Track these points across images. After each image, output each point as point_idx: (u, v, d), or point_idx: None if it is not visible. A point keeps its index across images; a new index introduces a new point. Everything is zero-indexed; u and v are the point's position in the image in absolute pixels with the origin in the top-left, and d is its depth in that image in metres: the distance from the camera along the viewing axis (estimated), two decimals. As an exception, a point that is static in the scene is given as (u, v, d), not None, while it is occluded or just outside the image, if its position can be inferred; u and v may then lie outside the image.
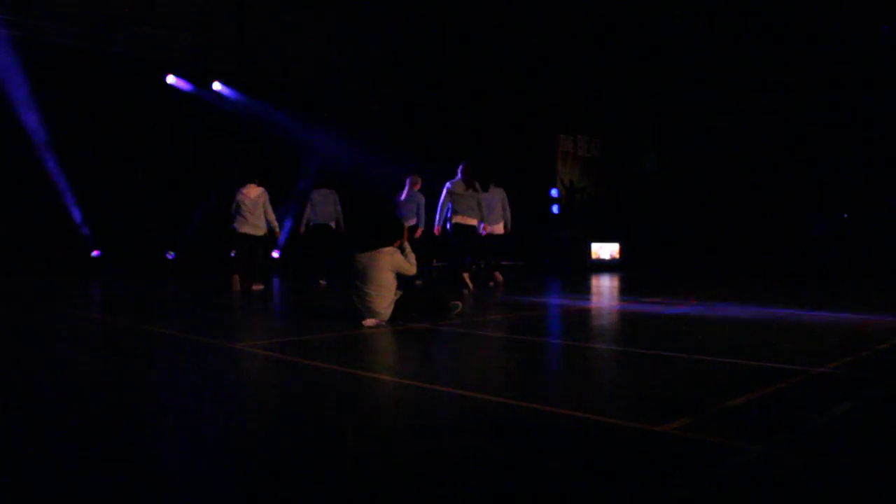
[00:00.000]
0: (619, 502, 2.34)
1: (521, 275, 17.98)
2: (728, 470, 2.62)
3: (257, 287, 12.46)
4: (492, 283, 13.70)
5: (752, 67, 18.85)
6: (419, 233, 13.74)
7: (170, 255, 16.74)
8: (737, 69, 19.00)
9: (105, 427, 3.38)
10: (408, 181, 14.21)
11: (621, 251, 21.26)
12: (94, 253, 15.93)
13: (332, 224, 14.33)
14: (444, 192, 12.52)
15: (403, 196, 14.19)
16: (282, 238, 16.75)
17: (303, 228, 14.47)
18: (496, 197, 13.70)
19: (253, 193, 12.45)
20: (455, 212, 12.36)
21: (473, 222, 12.43)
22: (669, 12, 19.33)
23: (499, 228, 13.74)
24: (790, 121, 19.03)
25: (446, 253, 14.17)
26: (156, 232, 16.56)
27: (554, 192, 21.64)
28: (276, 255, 17.74)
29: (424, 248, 13.34)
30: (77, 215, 15.56)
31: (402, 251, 7.45)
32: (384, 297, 7.20)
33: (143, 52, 15.93)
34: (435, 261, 16.71)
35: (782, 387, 4.23)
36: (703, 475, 2.58)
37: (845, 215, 18.45)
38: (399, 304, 7.39)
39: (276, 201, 13.18)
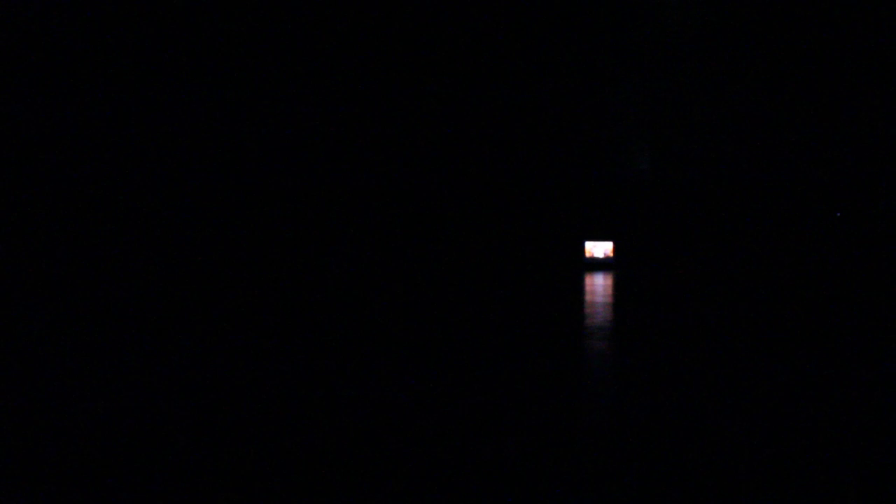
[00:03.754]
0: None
1: None
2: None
3: None
4: None
5: (748, 67, 18.92)
6: None
7: None
8: (733, 69, 19.07)
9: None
10: None
11: (615, 249, 21.33)
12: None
13: None
14: None
15: None
16: None
17: None
18: None
19: None
20: None
21: None
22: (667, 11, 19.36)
23: None
24: (784, 122, 19.11)
25: None
26: (152, 231, 16.52)
27: None
28: None
29: None
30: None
31: None
32: None
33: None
34: None
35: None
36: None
37: (838, 213, 18.55)
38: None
39: None
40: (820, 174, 18.76)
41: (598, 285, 15.10)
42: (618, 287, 14.58)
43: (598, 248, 21.40)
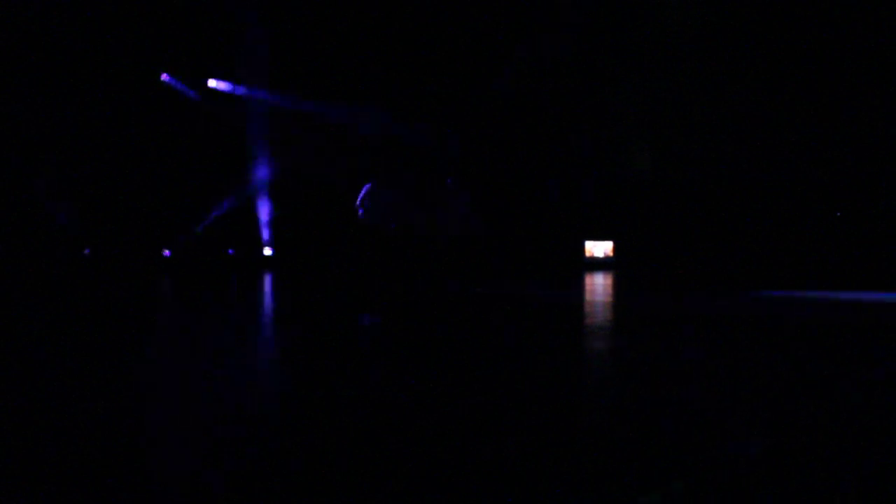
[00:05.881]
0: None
1: None
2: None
3: None
4: None
5: (748, 67, 18.91)
6: None
7: (165, 253, 16.82)
8: (733, 69, 19.06)
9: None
10: None
11: (615, 249, 21.33)
12: (85, 251, 15.89)
13: None
14: None
15: None
16: None
17: None
18: None
19: None
20: None
21: None
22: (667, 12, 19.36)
23: None
24: (782, 120, 19.11)
25: None
26: (151, 230, 16.56)
27: None
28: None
29: None
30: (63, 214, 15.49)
31: None
32: None
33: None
34: None
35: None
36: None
37: (838, 213, 18.56)
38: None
39: None
40: (820, 174, 18.76)
41: (598, 285, 15.09)
42: (618, 287, 14.58)
43: (598, 248, 21.38)
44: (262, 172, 17.92)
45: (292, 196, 17.79)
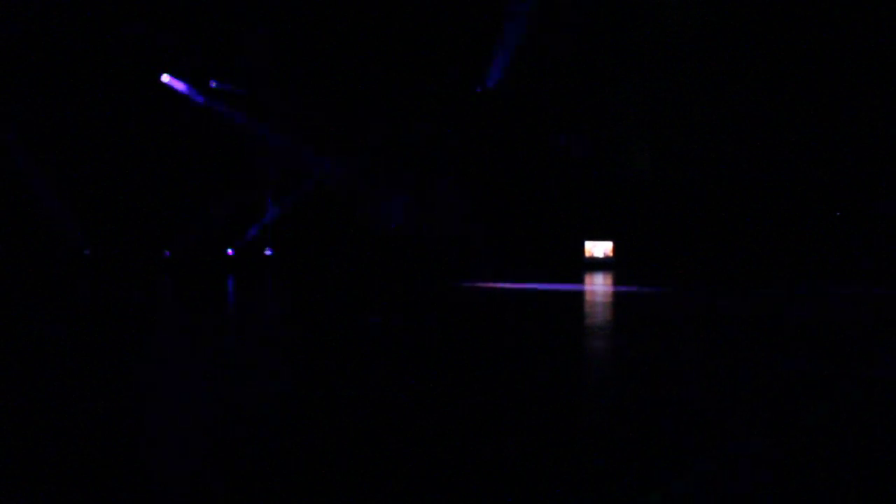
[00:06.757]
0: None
1: None
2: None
3: None
4: None
5: (748, 67, 18.90)
6: None
7: (165, 253, 16.88)
8: (733, 69, 19.04)
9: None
10: None
11: (615, 249, 21.35)
12: (85, 251, 15.90)
13: None
14: None
15: None
16: None
17: None
18: None
19: None
20: None
21: None
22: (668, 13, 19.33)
23: None
24: (782, 119, 19.09)
25: None
26: (151, 230, 16.57)
27: None
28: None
29: None
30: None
31: None
32: None
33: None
34: None
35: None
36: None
37: (838, 213, 18.54)
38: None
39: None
40: (820, 174, 18.76)
41: (598, 285, 15.08)
42: (617, 286, 14.58)
43: (598, 248, 21.38)
44: (262, 172, 17.93)
45: (293, 196, 17.79)
